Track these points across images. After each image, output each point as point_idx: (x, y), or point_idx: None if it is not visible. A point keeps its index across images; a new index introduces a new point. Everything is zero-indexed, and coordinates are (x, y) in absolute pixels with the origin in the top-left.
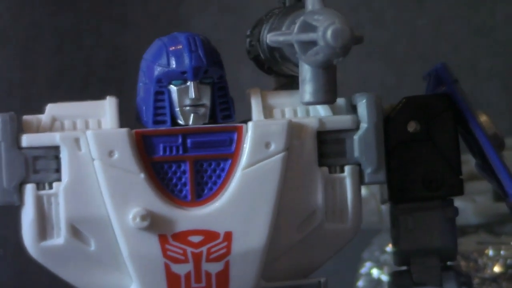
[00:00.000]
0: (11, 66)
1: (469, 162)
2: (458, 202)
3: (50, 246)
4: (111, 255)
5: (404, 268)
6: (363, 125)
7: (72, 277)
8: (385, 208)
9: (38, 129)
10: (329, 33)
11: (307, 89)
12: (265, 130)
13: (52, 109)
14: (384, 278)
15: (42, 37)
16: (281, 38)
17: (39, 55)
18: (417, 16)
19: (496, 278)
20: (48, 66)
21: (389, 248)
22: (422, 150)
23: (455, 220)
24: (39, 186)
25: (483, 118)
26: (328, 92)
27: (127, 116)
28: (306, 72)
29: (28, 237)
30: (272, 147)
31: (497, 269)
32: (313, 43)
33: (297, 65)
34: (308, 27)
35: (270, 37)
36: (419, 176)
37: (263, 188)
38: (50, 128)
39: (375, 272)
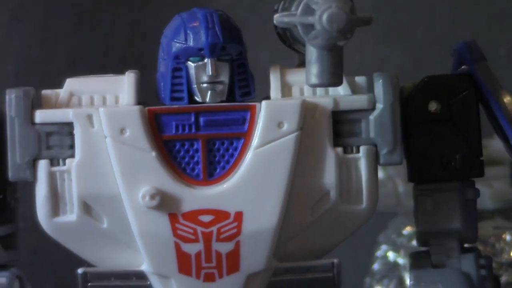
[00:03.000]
0: (30, 42)
1: (488, 147)
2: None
3: (63, 222)
4: (123, 233)
5: (423, 249)
6: (379, 106)
7: (86, 252)
8: (402, 191)
9: (56, 103)
10: (324, 17)
11: (312, 71)
12: (278, 109)
13: (70, 84)
14: (400, 261)
15: (61, 13)
16: (286, 19)
17: (58, 31)
18: (436, 0)
19: None
20: (67, 43)
21: (406, 231)
22: (442, 130)
23: (476, 202)
24: (53, 162)
25: (506, 99)
26: (334, 74)
27: (148, 93)
28: (311, 53)
29: (41, 213)
30: (285, 127)
31: None
32: (312, 26)
33: (304, 46)
34: (308, 10)
35: (276, 18)
36: (439, 157)
37: (275, 168)
38: (67, 103)
39: (391, 255)
